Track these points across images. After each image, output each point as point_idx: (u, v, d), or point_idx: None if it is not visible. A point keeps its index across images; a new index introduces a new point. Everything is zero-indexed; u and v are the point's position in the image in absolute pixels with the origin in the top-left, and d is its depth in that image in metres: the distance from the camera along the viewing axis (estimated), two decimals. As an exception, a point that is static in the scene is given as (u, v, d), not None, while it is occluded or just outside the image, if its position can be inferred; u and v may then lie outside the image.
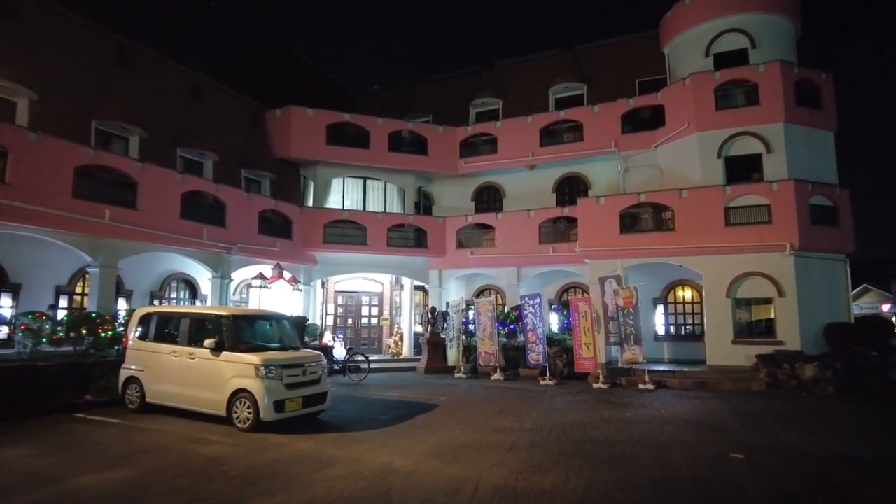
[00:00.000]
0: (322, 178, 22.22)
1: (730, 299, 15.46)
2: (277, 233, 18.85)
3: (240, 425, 8.81)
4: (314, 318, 20.85)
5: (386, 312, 23.15)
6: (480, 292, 22.12)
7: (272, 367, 8.94)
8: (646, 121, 19.17)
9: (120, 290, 14.99)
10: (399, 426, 9.38)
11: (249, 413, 8.79)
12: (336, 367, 16.39)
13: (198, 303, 17.62)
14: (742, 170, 16.40)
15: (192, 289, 17.76)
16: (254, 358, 8.97)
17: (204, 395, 9.31)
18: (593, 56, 22.38)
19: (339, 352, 20.59)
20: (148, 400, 10.12)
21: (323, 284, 21.99)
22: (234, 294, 19.03)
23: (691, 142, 17.39)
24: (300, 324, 18.61)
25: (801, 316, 14.60)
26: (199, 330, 9.81)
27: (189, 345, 9.76)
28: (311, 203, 21.85)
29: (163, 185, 14.81)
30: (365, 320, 23.21)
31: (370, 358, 21.08)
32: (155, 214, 14.36)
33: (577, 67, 22.22)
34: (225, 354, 9.22)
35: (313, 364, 9.73)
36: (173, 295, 17.36)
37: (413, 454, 7.41)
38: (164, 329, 10.44)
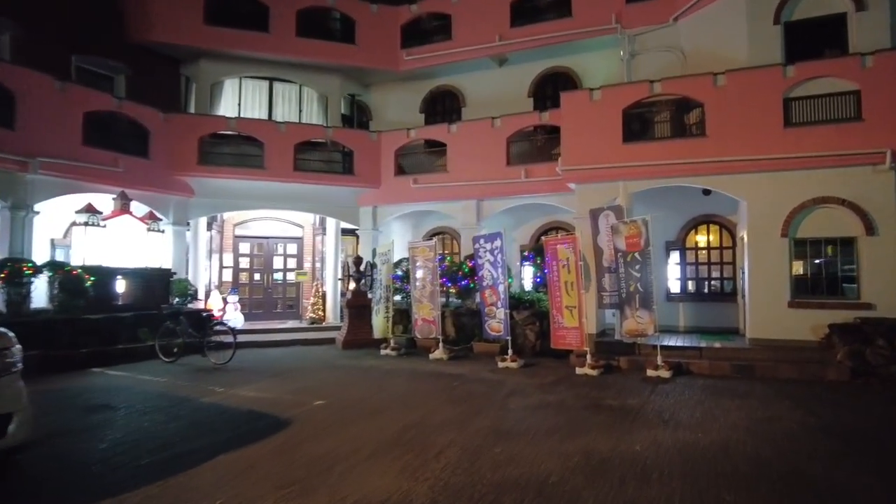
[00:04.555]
0: (208, 77, 16.82)
1: (787, 240, 10.73)
2: (123, 147, 13.64)
3: None
4: (196, 272, 15.91)
5: (307, 265, 18.26)
6: (432, 237, 17.23)
7: None
8: (663, -19, 13.94)
9: None
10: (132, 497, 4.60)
11: None
12: (207, 343, 11.58)
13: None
14: (813, 41, 11.34)
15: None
16: None
17: None
18: None
19: (235, 318, 15.90)
20: None
21: (212, 226, 16.93)
22: (63, 236, 13.94)
23: (733, 4, 12.25)
24: (162, 279, 13.71)
25: (902, 264, 9.93)
26: None
27: None
28: (193, 112, 16.52)
29: None
30: (279, 276, 18.31)
31: (287, 325, 16.57)
32: None
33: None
34: None
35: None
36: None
37: None
38: None
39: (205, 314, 12.86)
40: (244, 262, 18.00)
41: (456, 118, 17.00)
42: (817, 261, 10.82)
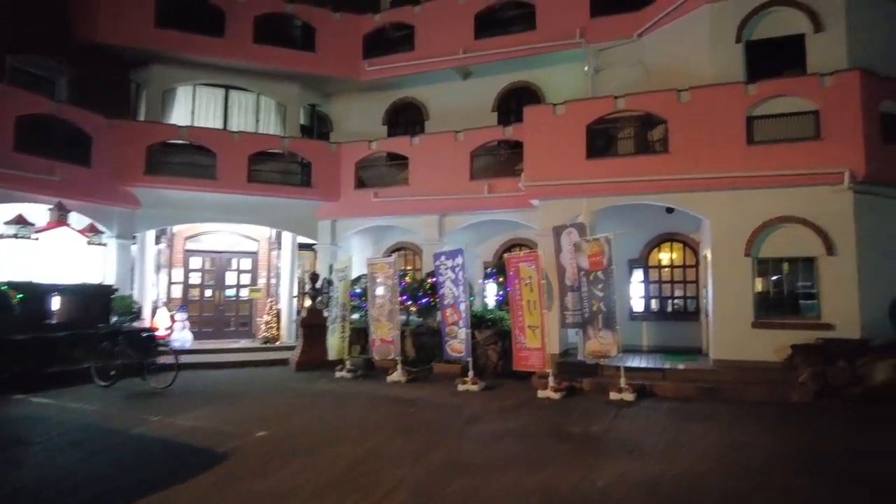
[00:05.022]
0: (159, 83, 16.08)
1: (750, 259, 10.66)
2: (62, 155, 12.79)
3: None
4: (142, 288, 15.05)
5: (262, 281, 17.53)
6: (394, 253, 16.75)
7: None
8: (627, -4, 13.94)
9: None
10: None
11: None
12: (148, 365, 10.83)
13: None
14: (774, 60, 11.39)
15: None
16: None
17: None
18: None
19: (183, 337, 15.14)
20: None
21: (161, 239, 16.10)
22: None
23: (697, 20, 12.26)
24: (101, 296, 12.87)
25: (862, 285, 9.94)
26: None
27: None
28: (143, 119, 15.74)
29: None
30: (232, 292, 17.51)
31: (240, 344, 15.78)
32: None
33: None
34: None
35: None
36: None
37: None
38: None
39: (146, 334, 12.01)
40: (195, 278, 17.15)
41: (419, 130, 16.65)
42: (780, 280, 10.79)
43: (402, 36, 16.55)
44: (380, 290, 12.43)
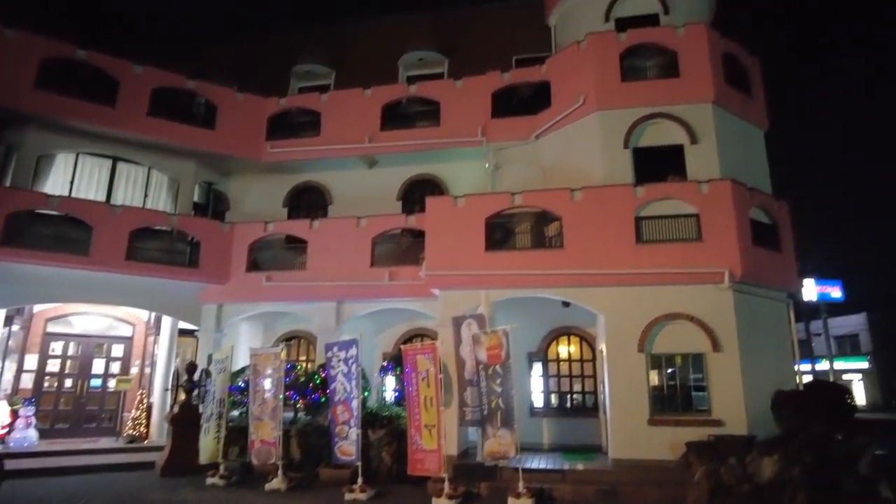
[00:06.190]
0: (34, 147, 14.60)
1: (644, 355, 10.73)
2: None
3: None
4: (-19, 378, 12.78)
5: (135, 370, 15.58)
6: (287, 341, 15.59)
7: None
8: (525, 102, 14.64)
9: None
10: None
11: None
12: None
13: None
14: (657, 166, 12.17)
15: None
16: None
17: None
18: (459, 24, 17.83)
19: (26, 435, 12.90)
20: None
21: (13, 320, 14.01)
22: None
23: (587, 126, 12.98)
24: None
25: (746, 380, 10.20)
26: None
27: None
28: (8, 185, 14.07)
29: None
30: (98, 382, 15.36)
31: (99, 444, 13.59)
32: None
33: (437, 35, 17.44)
34: None
35: None
36: None
37: None
38: None
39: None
40: (54, 365, 14.94)
41: (322, 214, 16.11)
42: (673, 377, 10.88)
43: (307, 121, 16.33)
44: (263, 384, 11.24)
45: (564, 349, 13.67)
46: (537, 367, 13.47)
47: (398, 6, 20.57)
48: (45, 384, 14.67)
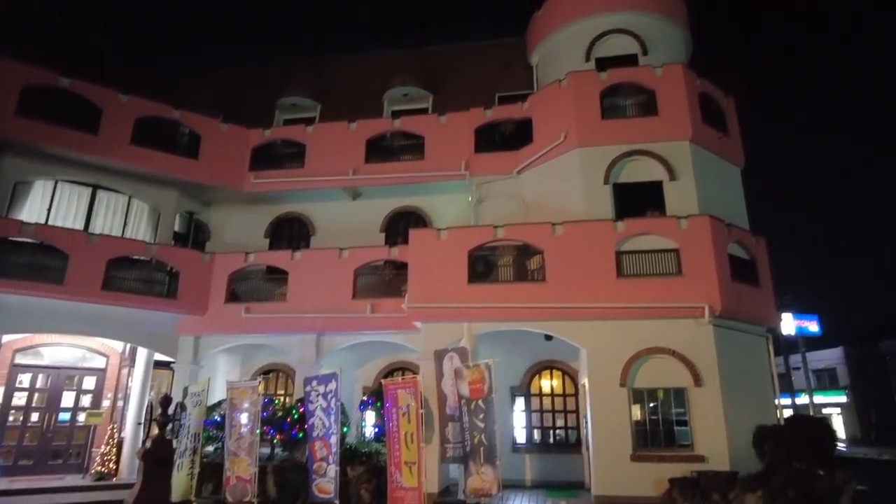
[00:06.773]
0: (12, 173, 14.35)
1: (626, 389, 10.68)
2: None
3: None
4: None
5: (107, 403, 15.06)
6: (265, 374, 15.26)
7: None
8: (507, 138, 14.85)
9: None
10: None
11: None
12: None
13: None
14: (637, 201, 12.35)
15: None
16: None
17: None
18: (444, 61, 18.18)
19: (-12, 473, 12.27)
20: None
21: (-20, 352, 13.51)
22: None
23: (568, 162, 13.17)
24: None
25: (728, 415, 10.17)
26: None
27: None
28: (-17, 213, 13.78)
29: None
30: (66, 416, 14.79)
31: (64, 482, 12.97)
32: None
33: (422, 72, 17.72)
34: None
35: None
36: None
37: None
38: None
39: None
40: (20, 399, 14.38)
41: (304, 245, 15.98)
42: (655, 412, 10.82)
43: (292, 153, 16.36)
44: (242, 418, 10.93)
45: (547, 383, 13.56)
46: (520, 402, 13.32)
47: (384, 43, 20.98)
48: (10, 418, 14.09)
